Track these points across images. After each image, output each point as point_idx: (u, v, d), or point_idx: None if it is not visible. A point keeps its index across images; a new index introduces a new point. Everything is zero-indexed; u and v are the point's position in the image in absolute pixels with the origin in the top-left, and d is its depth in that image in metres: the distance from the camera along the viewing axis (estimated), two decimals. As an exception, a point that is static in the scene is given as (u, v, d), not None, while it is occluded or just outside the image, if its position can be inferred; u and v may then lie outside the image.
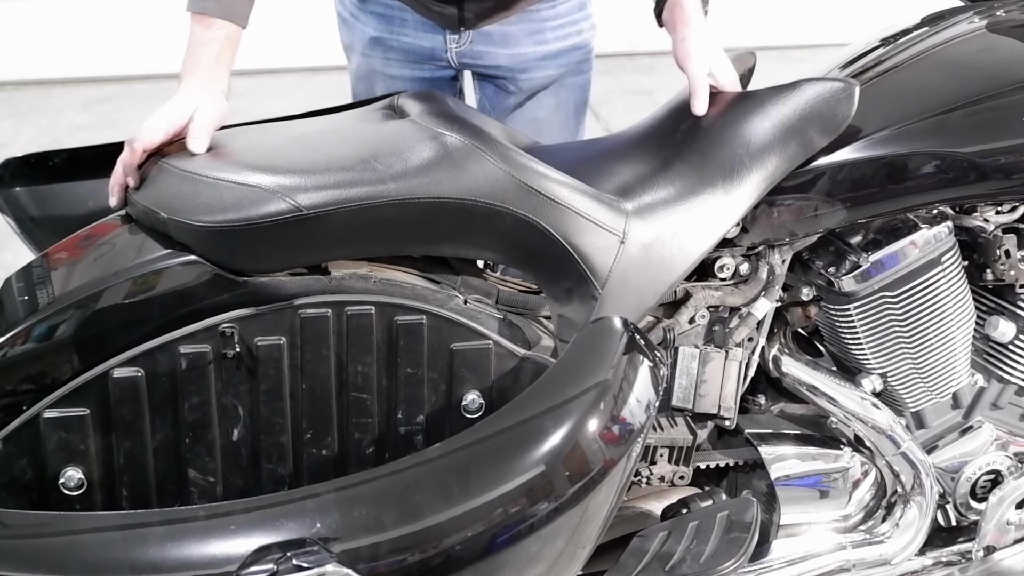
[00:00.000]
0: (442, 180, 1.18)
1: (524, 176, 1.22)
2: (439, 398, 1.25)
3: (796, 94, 1.36)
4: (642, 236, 1.27)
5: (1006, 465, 1.58)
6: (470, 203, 1.19)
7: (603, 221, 1.25)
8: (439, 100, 1.33)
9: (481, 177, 1.20)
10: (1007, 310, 1.55)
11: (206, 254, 1.17)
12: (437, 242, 1.22)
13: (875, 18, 2.70)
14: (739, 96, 1.41)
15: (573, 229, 1.23)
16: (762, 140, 1.34)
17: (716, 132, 1.36)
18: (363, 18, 1.75)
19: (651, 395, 1.14)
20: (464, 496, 1.02)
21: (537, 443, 1.06)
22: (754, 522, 1.35)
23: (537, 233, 1.22)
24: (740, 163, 1.33)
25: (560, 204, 1.23)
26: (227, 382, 1.18)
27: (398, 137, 1.23)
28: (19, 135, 3.84)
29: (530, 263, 1.25)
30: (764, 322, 1.46)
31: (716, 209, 1.31)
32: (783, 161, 1.35)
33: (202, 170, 1.18)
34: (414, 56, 1.75)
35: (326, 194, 1.15)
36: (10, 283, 1.24)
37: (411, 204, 1.17)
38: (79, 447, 1.14)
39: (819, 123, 1.35)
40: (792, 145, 1.35)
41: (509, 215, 1.21)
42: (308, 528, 0.96)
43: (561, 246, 1.23)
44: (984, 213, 1.50)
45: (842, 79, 1.38)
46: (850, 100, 1.36)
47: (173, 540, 0.94)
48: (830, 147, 1.40)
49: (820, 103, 1.36)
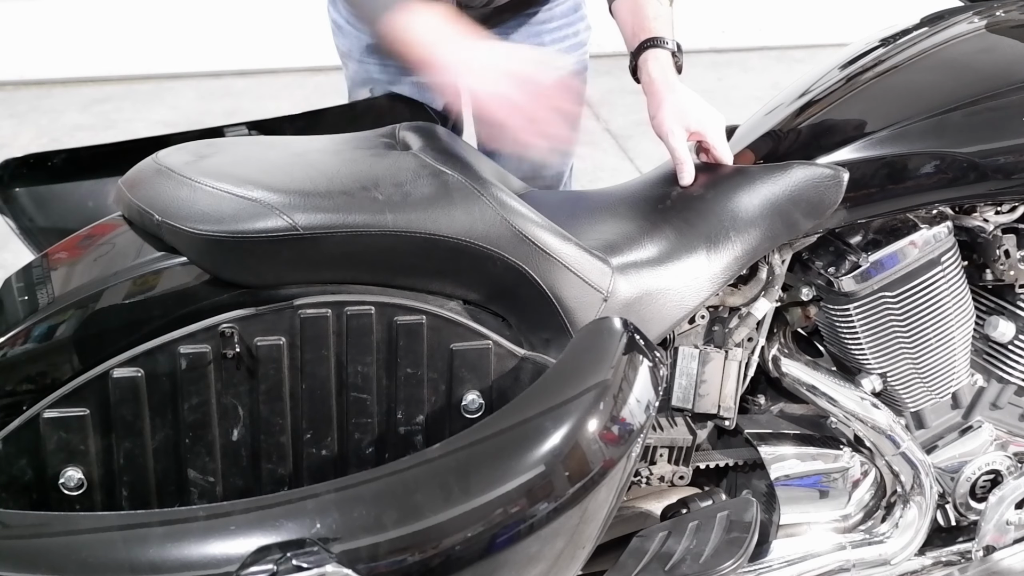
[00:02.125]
0: (439, 218, 1.19)
1: (519, 223, 1.23)
2: (439, 398, 1.25)
3: (786, 175, 1.39)
4: (624, 295, 1.30)
5: (1006, 465, 1.59)
6: (464, 243, 1.20)
7: (589, 277, 1.27)
8: (441, 137, 1.34)
9: (478, 219, 1.21)
10: (1007, 310, 1.55)
11: (198, 261, 1.17)
12: (426, 277, 1.23)
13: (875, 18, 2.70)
14: (731, 170, 1.43)
15: (560, 282, 1.26)
16: (748, 216, 1.37)
17: (705, 202, 1.39)
18: (358, 24, 1.73)
19: (651, 395, 1.14)
20: (464, 496, 1.02)
21: (537, 443, 1.06)
22: (754, 522, 1.35)
23: (525, 281, 1.24)
24: (725, 235, 1.36)
25: (550, 255, 1.25)
26: (227, 382, 1.18)
27: (400, 169, 1.24)
28: (19, 135, 3.83)
29: (513, 309, 1.27)
30: (764, 322, 1.46)
31: (697, 277, 1.34)
32: (767, 239, 1.38)
33: (202, 177, 1.18)
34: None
35: (324, 216, 1.15)
36: (10, 283, 1.24)
37: (406, 237, 1.18)
38: (79, 447, 1.14)
39: (805, 206, 1.38)
40: (777, 224, 1.38)
41: (500, 260, 1.22)
42: (308, 528, 0.96)
43: (547, 297, 1.25)
44: (984, 213, 1.50)
45: (831, 166, 1.39)
46: (838, 187, 1.38)
47: (173, 541, 0.94)
48: (830, 147, 1.41)
49: (808, 187, 1.38)
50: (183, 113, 4.02)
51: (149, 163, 1.24)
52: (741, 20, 4.75)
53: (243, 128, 1.55)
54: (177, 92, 4.22)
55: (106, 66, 4.29)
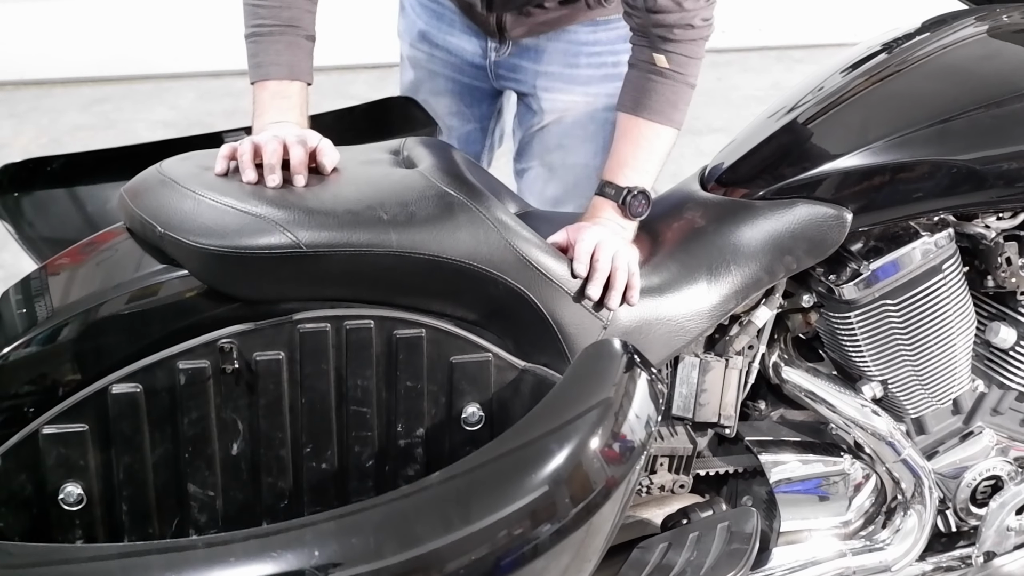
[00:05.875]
0: (444, 239, 1.19)
1: (522, 248, 1.24)
2: (439, 411, 1.25)
3: (790, 212, 1.39)
4: (623, 323, 1.30)
5: (1006, 471, 1.58)
6: (467, 266, 1.21)
7: (590, 304, 1.28)
8: (448, 155, 1.33)
9: (482, 242, 1.21)
10: (1008, 316, 1.55)
11: (199, 274, 1.17)
12: (427, 298, 1.23)
13: (875, 18, 2.69)
14: (734, 205, 1.42)
15: (561, 307, 1.26)
16: (750, 250, 1.37)
17: (707, 235, 1.39)
18: (417, 9, 1.77)
19: (652, 413, 1.14)
20: (467, 521, 1.02)
21: (541, 465, 1.06)
22: (754, 533, 1.35)
23: (526, 305, 1.25)
24: (726, 268, 1.36)
25: (552, 281, 1.25)
26: (226, 397, 1.18)
27: (405, 188, 1.24)
28: (19, 135, 3.83)
29: (512, 332, 1.27)
30: (764, 329, 1.46)
31: (697, 308, 1.35)
32: (767, 274, 1.38)
33: (206, 190, 1.18)
34: (456, 58, 1.75)
35: (328, 234, 1.15)
36: (8, 296, 1.24)
37: (410, 258, 1.18)
38: (78, 463, 1.14)
39: (807, 244, 1.39)
40: (778, 261, 1.38)
41: (503, 283, 1.23)
42: (307, 559, 0.96)
43: (547, 322, 1.26)
44: (985, 220, 1.50)
45: (835, 206, 1.39)
46: (842, 227, 1.39)
47: (171, 571, 0.93)
48: (832, 155, 1.40)
49: (812, 226, 1.38)
50: (183, 113, 4.02)
51: (153, 173, 1.24)
52: (741, 20, 4.73)
53: (242, 134, 1.55)
54: (177, 92, 4.21)
55: (106, 66, 4.28)
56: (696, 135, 3.67)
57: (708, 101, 4.05)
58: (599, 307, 1.29)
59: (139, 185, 1.24)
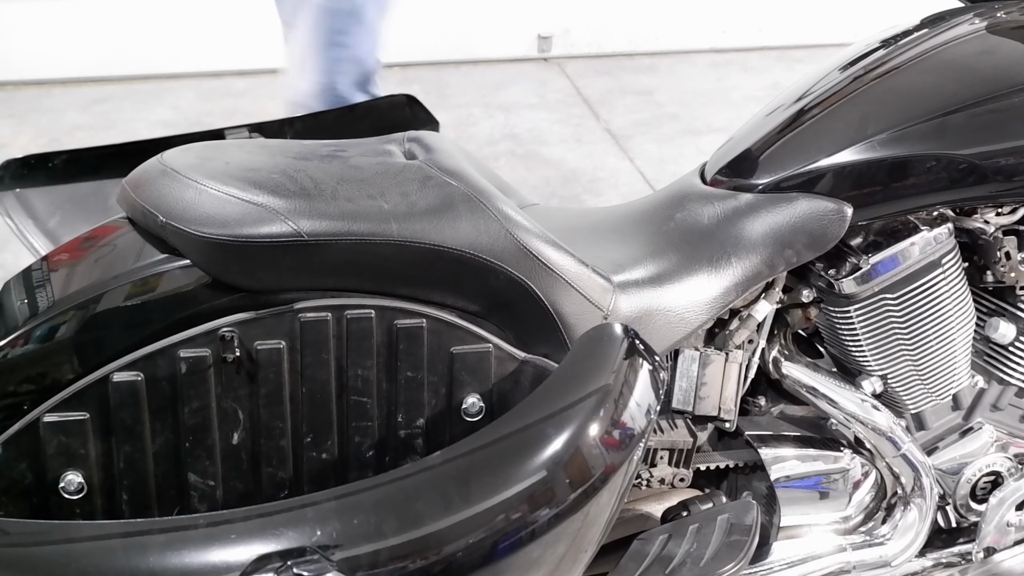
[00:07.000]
0: (444, 229, 1.20)
1: (523, 237, 1.24)
2: (439, 401, 1.25)
3: (791, 206, 1.40)
4: (624, 313, 1.31)
5: (1006, 466, 1.58)
6: (468, 256, 1.21)
7: (591, 294, 1.28)
8: (449, 148, 1.34)
9: (483, 232, 1.22)
10: (1007, 312, 1.55)
11: (200, 264, 1.17)
12: (428, 287, 1.23)
13: (875, 18, 2.70)
14: (735, 198, 1.43)
15: (562, 297, 1.26)
16: (751, 242, 1.38)
17: (709, 226, 1.40)
18: None
19: (652, 400, 1.14)
20: (465, 503, 1.02)
21: (539, 449, 1.06)
22: (754, 525, 1.35)
23: (527, 295, 1.25)
24: (726, 259, 1.37)
25: (553, 271, 1.25)
26: (227, 386, 1.18)
27: (406, 179, 1.24)
28: (19, 135, 3.83)
29: (513, 322, 1.27)
30: (764, 324, 1.46)
31: (697, 299, 1.36)
32: (767, 267, 1.39)
33: (208, 180, 1.18)
34: None
35: (329, 223, 1.16)
36: (9, 287, 1.24)
37: (411, 247, 1.19)
38: (79, 451, 1.14)
39: (807, 238, 1.39)
40: (778, 254, 1.39)
41: (503, 273, 1.23)
42: (308, 537, 0.96)
43: (547, 311, 1.26)
44: (984, 215, 1.50)
45: (836, 200, 1.40)
46: (842, 221, 1.39)
47: (173, 549, 0.94)
48: (831, 149, 1.41)
49: (812, 220, 1.39)
50: (183, 113, 4.02)
51: (154, 163, 1.24)
52: (741, 20, 4.74)
53: (244, 131, 1.55)
54: (177, 92, 4.22)
55: (106, 66, 4.29)
56: (696, 135, 3.68)
57: (708, 101, 4.06)
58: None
59: (141, 175, 1.25)
